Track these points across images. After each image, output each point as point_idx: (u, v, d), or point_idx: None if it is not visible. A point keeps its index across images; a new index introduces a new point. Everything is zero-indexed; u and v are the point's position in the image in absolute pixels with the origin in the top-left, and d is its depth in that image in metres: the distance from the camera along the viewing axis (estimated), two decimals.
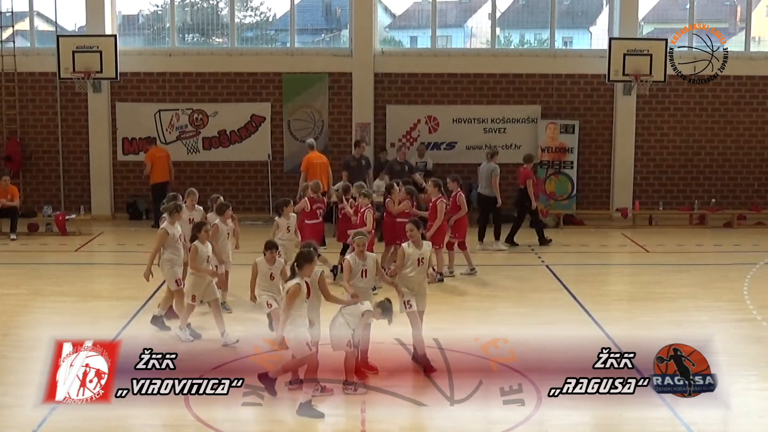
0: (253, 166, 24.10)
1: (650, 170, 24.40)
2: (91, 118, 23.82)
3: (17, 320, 14.22)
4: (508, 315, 14.69)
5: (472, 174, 23.69)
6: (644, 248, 20.58)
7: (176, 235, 13.47)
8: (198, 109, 23.89)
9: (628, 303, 15.91)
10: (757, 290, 16.27)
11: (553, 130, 23.73)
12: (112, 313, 14.59)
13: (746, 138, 24.32)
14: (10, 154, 23.56)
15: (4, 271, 17.96)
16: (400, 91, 24.06)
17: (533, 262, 19.01)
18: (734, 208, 24.03)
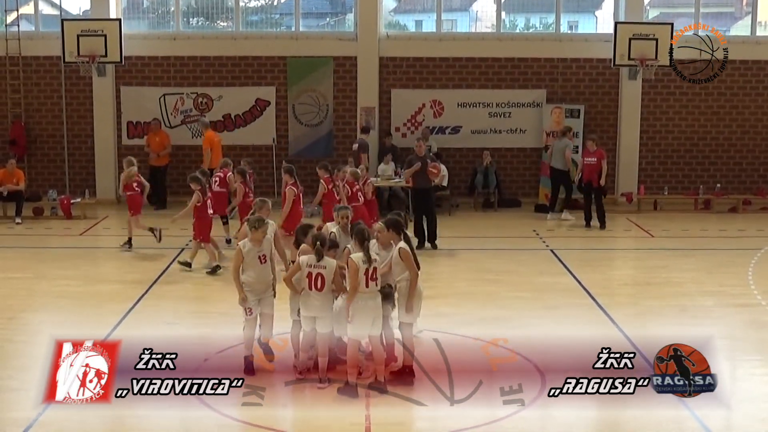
0: (257, 150, 24.08)
1: (655, 155, 24.35)
2: (96, 101, 23.82)
3: (22, 304, 14.25)
4: (511, 299, 14.68)
5: (477, 158, 23.72)
6: (649, 233, 20.56)
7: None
8: (203, 93, 23.87)
9: (633, 287, 15.91)
10: (762, 275, 16.26)
11: (558, 115, 23.67)
12: (116, 297, 14.62)
13: (752, 123, 24.26)
14: (15, 138, 23.56)
15: (10, 255, 18.00)
16: (405, 75, 24.02)
17: (537, 246, 19.00)
18: (739, 193, 23.99)
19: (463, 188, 23.74)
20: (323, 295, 10.25)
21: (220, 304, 14.13)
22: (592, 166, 20.63)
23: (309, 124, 23.99)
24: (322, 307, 10.27)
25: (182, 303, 14.48)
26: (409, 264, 10.32)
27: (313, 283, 10.22)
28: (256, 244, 10.73)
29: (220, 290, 15.03)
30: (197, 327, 13.02)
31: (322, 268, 10.25)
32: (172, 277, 16.10)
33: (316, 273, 10.23)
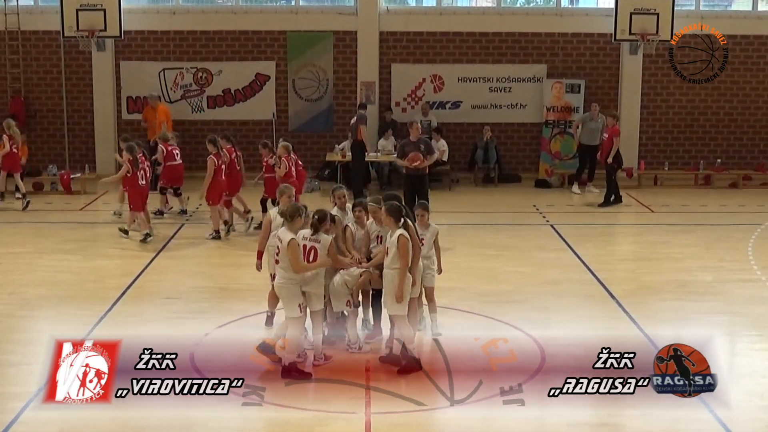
0: (257, 125, 24.05)
1: (656, 130, 24.32)
2: (95, 76, 23.75)
3: (23, 279, 14.28)
4: (511, 274, 14.71)
5: (477, 133, 23.69)
6: (649, 208, 20.57)
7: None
8: (202, 67, 23.81)
9: (633, 263, 15.92)
10: (762, 251, 16.28)
11: (558, 90, 23.63)
12: (116, 272, 14.66)
13: (753, 98, 24.20)
14: (15, 113, 23.48)
15: (10, 230, 18.00)
16: (405, 50, 23.94)
17: (537, 222, 19.01)
18: (740, 168, 23.97)
19: (463, 163, 23.73)
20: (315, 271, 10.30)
21: (220, 279, 14.19)
22: (605, 142, 20.65)
23: (309, 98, 23.94)
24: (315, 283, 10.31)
25: (183, 278, 14.50)
26: (404, 254, 10.28)
27: (306, 256, 10.25)
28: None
29: (220, 265, 15.07)
30: (198, 301, 13.05)
31: (316, 242, 10.29)
32: (172, 251, 16.13)
33: (310, 246, 10.27)
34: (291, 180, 16.82)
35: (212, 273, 14.67)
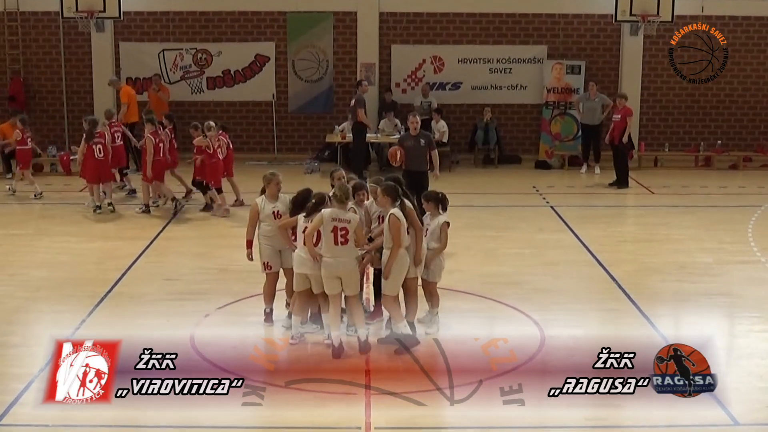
0: (257, 106, 24.01)
1: (656, 111, 24.27)
2: (95, 57, 23.68)
3: (23, 260, 14.30)
4: (511, 256, 14.72)
5: (477, 114, 23.65)
6: (649, 189, 20.56)
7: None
8: (202, 48, 23.73)
9: (633, 244, 15.92)
10: (762, 232, 16.29)
11: (559, 71, 23.58)
12: (116, 253, 14.66)
13: (753, 79, 24.15)
14: (14, 94, 23.45)
15: (10, 211, 18.00)
16: (405, 31, 23.87)
17: (537, 203, 19.01)
18: (740, 150, 23.94)
19: (463, 144, 23.69)
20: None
21: (220, 260, 14.19)
22: (616, 123, 20.60)
23: (309, 79, 23.89)
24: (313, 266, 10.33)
25: (182, 259, 14.52)
26: (396, 234, 10.32)
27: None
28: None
29: (219, 246, 15.07)
30: (197, 283, 13.07)
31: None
32: (172, 233, 16.13)
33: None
34: (215, 161, 17.00)
35: (212, 254, 14.67)
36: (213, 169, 17.43)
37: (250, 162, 22.79)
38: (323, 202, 10.41)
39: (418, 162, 15.13)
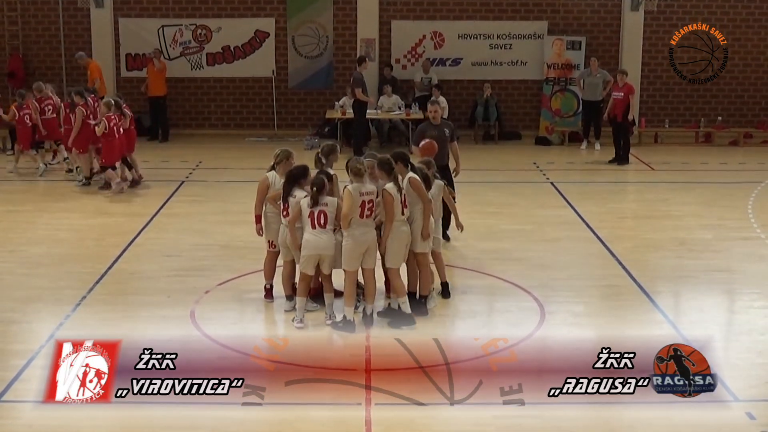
0: (257, 82, 23.96)
1: (657, 87, 24.22)
2: (94, 33, 23.60)
3: (24, 237, 14.30)
4: (512, 232, 14.73)
5: (477, 90, 23.60)
6: (649, 166, 20.55)
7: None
8: (201, 24, 23.67)
9: (633, 220, 15.94)
10: (762, 209, 16.29)
11: (559, 47, 23.51)
12: (117, 230, 14.66)
13: (754, 56, 24.08)
14: (13, 70, 23.41)
15: (10, 188, 17.99)
16: (405, 7, 23.79)
17: (538, 179, 19.00)
18: (740, 126, 23.90)
19: (463, 120, 23.62)
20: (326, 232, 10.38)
21: (221, 237, 14.19)
22: (618, 100, 20.54)
23: (309, 55, 23.84)
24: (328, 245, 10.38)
25: (183, 235, 14.51)
26: (422, 193, 10.62)
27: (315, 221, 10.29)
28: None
29: (220, 223, 15.07)
30: (198, 259, 13.07)
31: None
32: (173, 209, 16.13)
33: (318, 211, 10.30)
34: (112, 139, 16.75)
35: (213, 230, 14.66)
36: (108, 148, 17.01)
37: (250, 138, 22.77)
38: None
39: (440, 154, 13.10)
